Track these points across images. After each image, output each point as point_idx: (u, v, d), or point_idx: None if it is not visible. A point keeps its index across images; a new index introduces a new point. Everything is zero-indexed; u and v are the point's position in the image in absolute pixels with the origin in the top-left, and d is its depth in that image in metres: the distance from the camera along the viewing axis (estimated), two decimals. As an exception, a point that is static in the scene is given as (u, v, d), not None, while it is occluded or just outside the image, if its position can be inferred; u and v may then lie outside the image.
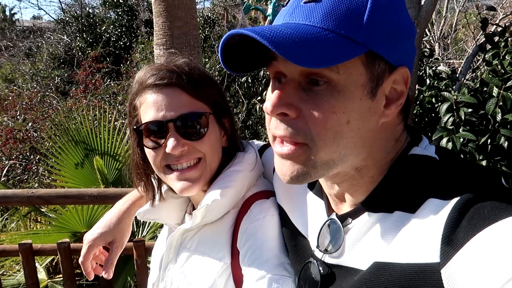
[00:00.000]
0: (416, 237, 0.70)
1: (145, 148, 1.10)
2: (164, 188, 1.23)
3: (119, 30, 13.07)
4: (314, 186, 0.99)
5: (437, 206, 0.70)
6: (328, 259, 0.86)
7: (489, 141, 3.04)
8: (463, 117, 2.98)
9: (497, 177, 0.72)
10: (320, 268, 0.86)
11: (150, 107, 1.05)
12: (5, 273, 3.37)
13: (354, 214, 0.83)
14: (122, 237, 1.31)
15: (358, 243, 0.81)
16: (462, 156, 3.11)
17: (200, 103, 1.07)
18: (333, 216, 0.88)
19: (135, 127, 1.10)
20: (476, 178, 0.72)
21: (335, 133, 0.72)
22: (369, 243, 0.78)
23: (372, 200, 0.81)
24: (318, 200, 0.96)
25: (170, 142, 1.03)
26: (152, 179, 1.21)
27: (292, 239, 0.99)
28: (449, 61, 8.62)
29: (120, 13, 13.50)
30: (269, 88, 0.81)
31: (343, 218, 0.85)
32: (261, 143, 1.32)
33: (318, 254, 0.89)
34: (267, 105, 0.74)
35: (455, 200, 0.68)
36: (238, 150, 1.17)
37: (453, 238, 0.64)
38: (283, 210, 1.05)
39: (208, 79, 1.13)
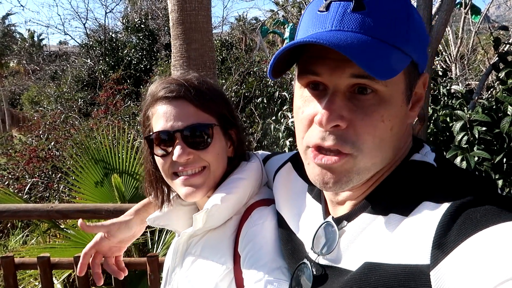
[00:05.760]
0: (408, 238, 0.71)
1: (155, 156, 1.17)
2: (172, 195, 1.28)
3: (140, 53, 13.51)
4: (313, 191, 1.01)
5: (431, 209, 0.71)
6: (322, 261, 0.87)
7: (504, 160, 2.99)
8: (477, 136, 2.96)
9: (493, 185, 0.73)
10: (313, 269, 0.87)
11: (160, 117, 1.12)
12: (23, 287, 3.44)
13: (350, 216, 0.84)
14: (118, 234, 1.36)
15: (352, 244, 0.82)
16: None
17: (206, 115, 1.13)
18: (329, 219, 0.90)
19: (146, 136, 1.17)
20: (471, 184, 0.73)
21: (380, 140, 0.75)
22: (362, 244, 0.80)
23: (369, 202, 0.82)
24: (316, 204, 0.98)
25: (177, 151, 1.09)
26: (163, 186, 1.26)
27: (288, 243, 1.01)
28: (466, 82, 8.55)
29: (141, 37, 13.98)
30: (300, 97, 0.81)
31: (339, 220, 0.86)
32: (265, 152, 1.35)
33: (312, 255, 0.90)
34: (322, 119, 0.73)
35: (448, 204, 0.69)
36: (243, 160, 1.22)
37: (444, 241, 0.65)
38: (281, 216, 1.08)
39: (216, 92, 1.18)
